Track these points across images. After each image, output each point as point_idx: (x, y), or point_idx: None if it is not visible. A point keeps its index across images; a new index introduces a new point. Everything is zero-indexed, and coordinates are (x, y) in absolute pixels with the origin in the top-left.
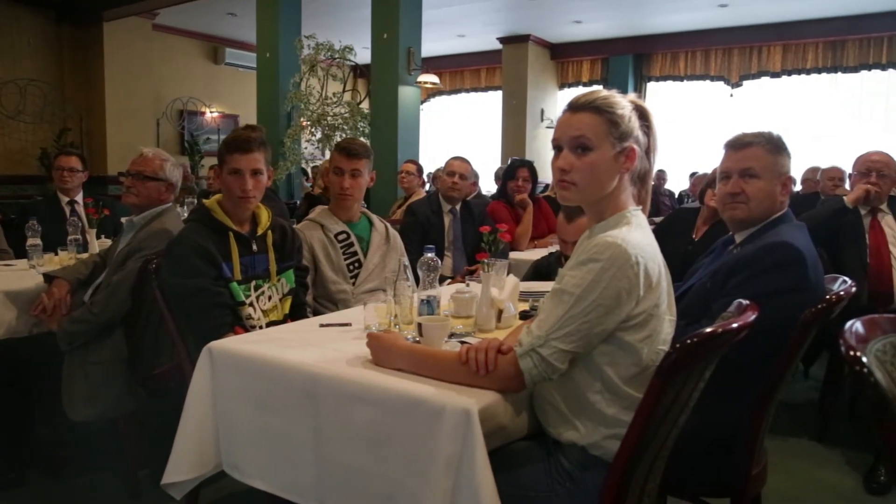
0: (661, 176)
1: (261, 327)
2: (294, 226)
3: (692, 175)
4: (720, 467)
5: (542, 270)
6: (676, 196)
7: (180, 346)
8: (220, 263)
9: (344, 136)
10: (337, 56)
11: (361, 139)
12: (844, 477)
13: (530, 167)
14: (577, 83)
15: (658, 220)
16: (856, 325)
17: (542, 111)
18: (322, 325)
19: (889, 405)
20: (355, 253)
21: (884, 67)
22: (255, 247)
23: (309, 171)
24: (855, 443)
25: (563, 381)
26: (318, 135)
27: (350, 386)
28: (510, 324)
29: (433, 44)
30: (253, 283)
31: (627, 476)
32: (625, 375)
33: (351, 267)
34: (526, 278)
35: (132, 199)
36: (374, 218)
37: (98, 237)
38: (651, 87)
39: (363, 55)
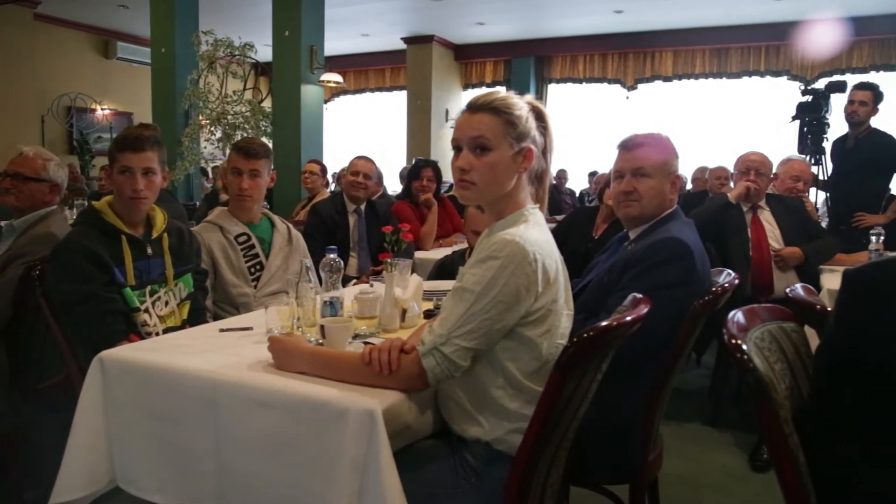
0: (563, 175)
1: (157, 334)
2: (192, 228)
3: (592, 175)
4: (619, 455)
5: (446, 269)
6: (577, 195)
7: (69, 357)
8: (112, 268)
9: (245, 135)
10: (237, 53)
11: (263, 139)
12: (733, 457)
13: (435, 167)
14: (480, 84)
15: (560, 218)
16: (737, 315)
17: (447, 111)
18: (222, 330)
19: (766, 389)
20: (257, 255)
21: (762, 75)
22: (149, 250)
23: (210, 171)
24: (742, 425)
25: (466, 377)
26: (218, 134)
27: (251, 391)
28: (414, 323)
29: (336, 42)
30: (148, 289)
31: (530, 469)
32: (526, 370)
33: (252, 269)
34: (430, 277)
35: (11, 201)
36: (276, 219)
37: None
38: (552, 88)
39: (264, 52)
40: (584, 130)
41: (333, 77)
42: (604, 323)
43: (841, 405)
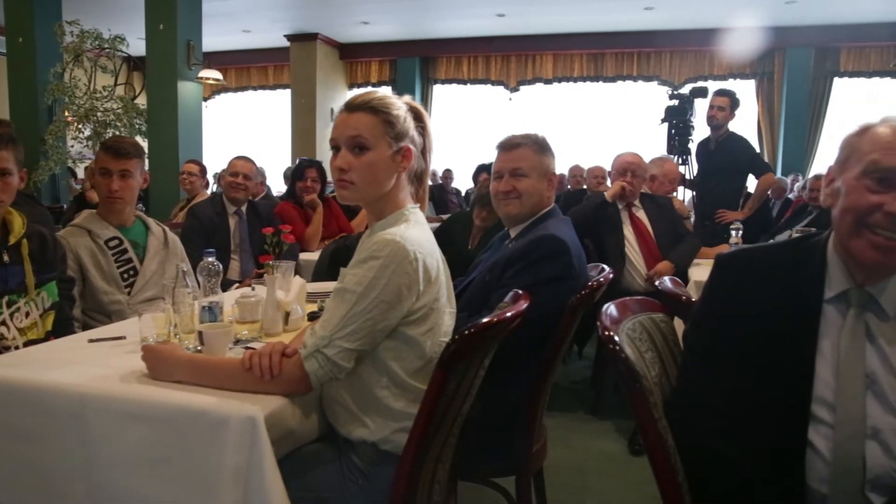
0: (448, 175)
1: (17, 348)
2: (58, 233)
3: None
4: (504, 448)
5: (341, 255)
6: (463, 194)
7: None
8: None
9: (118, 133)
10: (106, 46)
11: (137, 137)
12: (614, 443)
13: (319, 167)
14: (366, 83)
15: (446, 217)
16: (610, 308)
17: (332, 111)
18: (91, 341)
19: (637, 377)
20: (130, 260)
21: (635, 79)
22: (6, 257)
23: (81, 171)
24: (622, 412)
25: (350, 379)
26: (87, 132)
27: (124, 404)
28: (298, 326)
29: (216, 38)
30: (6, 299)
31: (416, 467)
32: (410, 369)
33: (125, 275)
34: (321, 267)
35: None
36: (151, 222)
37: None
38: (437, 89)
39: (137, 46)
40: (470, 130)
41: (212, 74)
42: (484, 319)
43: (703, 382)
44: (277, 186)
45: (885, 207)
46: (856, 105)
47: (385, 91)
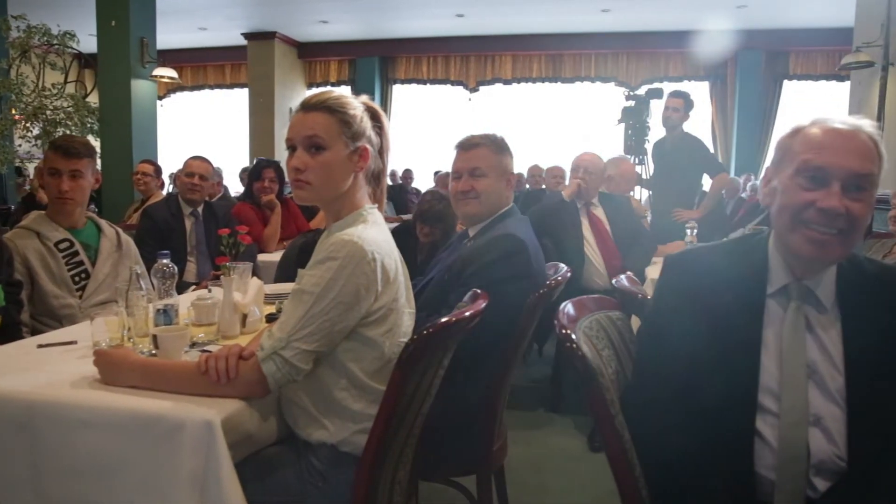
0: (408, 175)
1: None
2: (4, 235)
3: (436, 173)
4: (465, 447)
5: (310, 249)
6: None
7: None
8: None
9: (69, 132)
10: (56, 42)
11: (89, 137)
12: (574, 440)
13: (277, 167)
14: (325, 83)
15: (406, 217)
16: (567, 307)
17: (291, 110)
18: (41, 346)
19: (594, 374)
20: (81, 263)
21: (593, 80)
22: None
23: (32, 171)
24: (582, 410)
25: (308, 381)
26: (36, 130)
27: (73, 410)
28: (256, 328)
29: (171, 35)
30: None
31: (377, 468)
32: (369, 370)
33: (77, 278)
34: (290, 261)
35: None
36: (103, 223)
37: None
38: (397, 89)
39: (89, 43)
40: (429, 130)
41: (167, 72)
42: (443, 319)
43: (655, 377)
44: (235, 186)
45: (818, 203)
46: (805, 106)
47: (344, 91)
